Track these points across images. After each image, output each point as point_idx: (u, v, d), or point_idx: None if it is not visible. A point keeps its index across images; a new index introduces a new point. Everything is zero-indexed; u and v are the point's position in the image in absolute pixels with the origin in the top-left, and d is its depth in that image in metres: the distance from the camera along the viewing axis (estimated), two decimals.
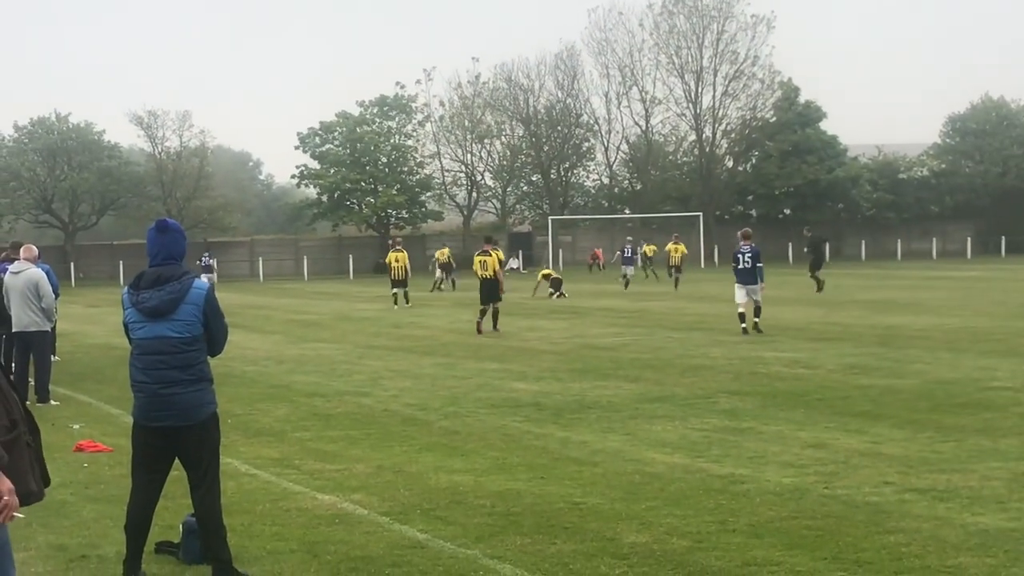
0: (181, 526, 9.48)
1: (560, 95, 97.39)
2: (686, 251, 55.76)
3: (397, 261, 45.30)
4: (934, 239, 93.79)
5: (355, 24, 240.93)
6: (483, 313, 31.54)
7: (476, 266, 32.19)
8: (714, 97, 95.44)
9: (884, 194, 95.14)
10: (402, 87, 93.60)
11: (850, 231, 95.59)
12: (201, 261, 63.32)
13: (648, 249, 65.33)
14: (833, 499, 10.98)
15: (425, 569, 8.99)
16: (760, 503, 10.87)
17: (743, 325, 28.88)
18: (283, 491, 11.85)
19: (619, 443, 14.26)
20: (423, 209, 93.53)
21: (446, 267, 59.27)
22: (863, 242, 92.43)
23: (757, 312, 29.26)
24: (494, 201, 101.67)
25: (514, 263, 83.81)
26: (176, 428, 8.58)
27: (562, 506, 10.94)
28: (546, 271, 53.44)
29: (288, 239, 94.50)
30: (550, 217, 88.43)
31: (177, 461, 8.84)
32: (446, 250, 61.28)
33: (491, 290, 31.50)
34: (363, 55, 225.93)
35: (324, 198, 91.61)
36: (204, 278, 48.37)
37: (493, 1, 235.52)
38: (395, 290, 45.32)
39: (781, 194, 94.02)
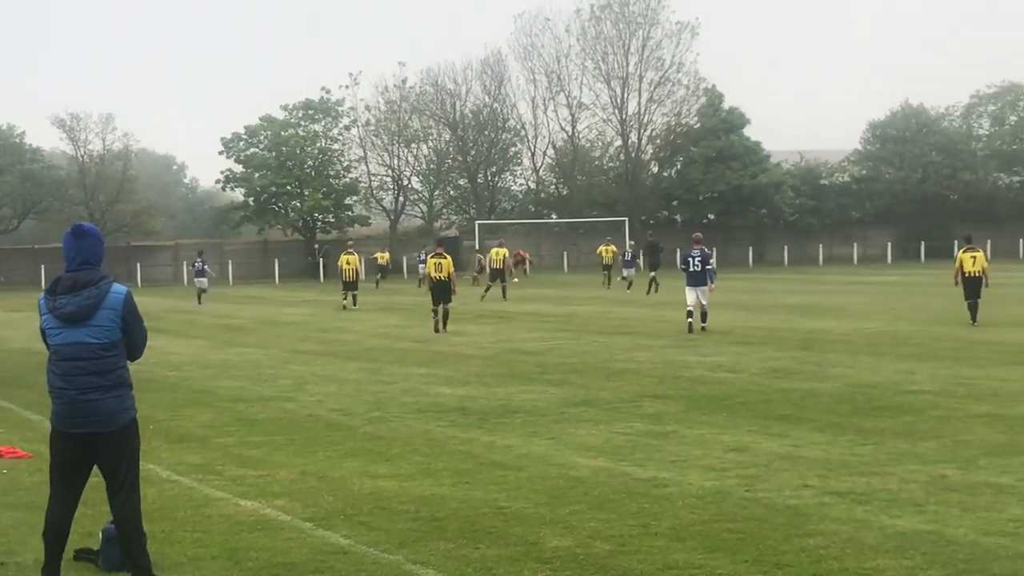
0: (101, 533, 9.40)
1: (487, 100, 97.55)
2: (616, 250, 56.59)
3: (348, 264, 46.41)
4: (855, 244, 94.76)
5: (280, 28, 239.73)
6: (436, 313, 32.67)
7: (431, 268, 33.34)
8: (640, 103, 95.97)
9: (806, 200, 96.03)
10: (327, 92, 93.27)
11: (773, 236, 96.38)
12: (195, 265, 61.89)
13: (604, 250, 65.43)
14: (754, 502, 11.09)
15: (347, 575, 8.98)
16: (682, 506, 10.96)
17: (689, 320, 30.32)
18: (205, 497, 11.79)
19: (544, 447, 14.31)
20: (349, 213, 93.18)
21: (383, 268, 59.92)
22: (785, 247, 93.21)
23: (704, 317, 30.54)
24: (421, 205, 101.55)
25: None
26: (95, 435, 8.43)
27: (486, 511, 10.97)
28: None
29: (213, 243, 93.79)
30: (477, 221, 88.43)
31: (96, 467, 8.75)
32: (387, 253, 61.93)
33: (443, 292, 32.49)
34: (288, 59, 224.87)
35: (250, 201, 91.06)
36: (197, 282, 48.17)
37: (419, 6, 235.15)
38: (346, 292, 46.36)
39: (705, 199, 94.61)
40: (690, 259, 30.81)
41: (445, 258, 33.13)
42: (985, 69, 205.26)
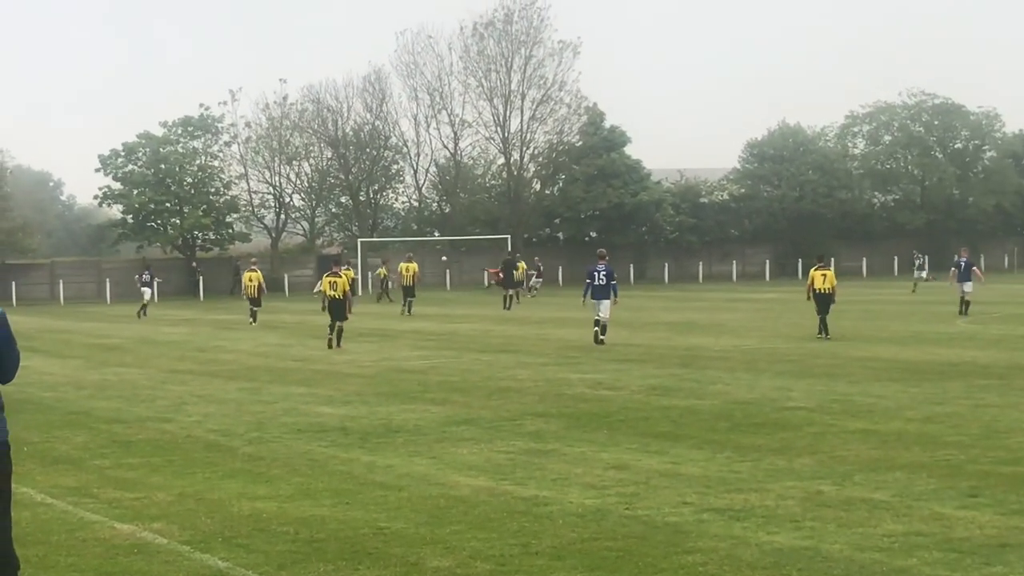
0: None
1: (369, 117, 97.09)
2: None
3: (251, 280, 46.88)
4: (734, 262, 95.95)
5: (159, 43, 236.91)
6: (332, 329, 33.38)
7: (326, 287, 34.33)
8: (522, 121, 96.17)
9: (686, 217, 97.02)
10: (206, 108, 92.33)
11: (654, 253, 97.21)
12: (141, 277, 60.74)
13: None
14: (634, 520, 11.16)
15: None
16: (563, 525, 11.00)
17: (596, 330, 32.09)
18: (80, 521, 11.58)
19: (425, 467, 14.28)
20: (230, 231, 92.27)
21: (382, 282, 60.81)
22: (666, 264, 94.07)
23: (603, 330, 32.05)
24: (303, 223, 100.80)
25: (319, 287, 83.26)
26: None
27: (367, 531, 10.91)
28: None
29: (90, 261, 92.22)
30: (359, 239, 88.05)
31: None
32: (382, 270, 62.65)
33: (339, 309, 33.29)
34: (167, 76, 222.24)
35: (129, 219, 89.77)
36: (142, 292, 47.65)
37: (300, 23, 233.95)
38: (253, 308, 46.52)
39: (587, 217, 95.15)
40: (595, 273, 32.60)
41: (340, 276, 34.18)
42: (859, 90, 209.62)
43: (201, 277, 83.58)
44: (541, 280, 72.76)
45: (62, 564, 9.91)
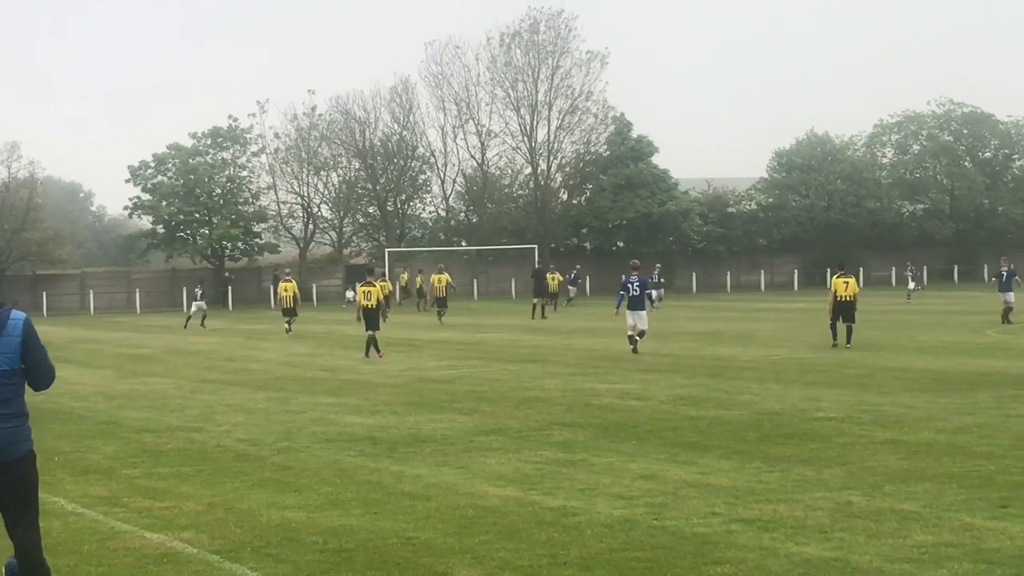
0: (3, 568, 9.24)
1: (396, 128, 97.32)
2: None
3: (286, 291, 48.20)
4: (762, 271, 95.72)
5: (187, 55, 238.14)
6: (372, 341, 33.63)
7: (360, 296, 34.75)
8: (549, 131, 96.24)
9: (714, 227, 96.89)
10: (235, 120, 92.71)
11: (681, 263, 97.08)
12: (195, 292, 61.72)
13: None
14: (662, 530, 11.14)
15: None
16: (591, 535, 10.99)
17: (632, 346, 32.27)
18: (110, 530, 11.63)
19: (453, 477, 14.29)
20: (258, 241, 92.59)
21: (418, 291, 61.00)
22: (694, 274, 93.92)
23: (642, 335, 32.63)
24: (331, 233, 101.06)
25: (351, 295, 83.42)
26: None
27: (395, 541, 10.93)
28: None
29: (120, 271, 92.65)
30: (387, 249, 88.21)
31: None
32: (405, 275, 62.55)
33: (373, 319, 33.53)
34: (196, 87, 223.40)
35: (158, 229, 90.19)
36: (194, 306, 48.91)
37: (328, 34, 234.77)
38: (286, 318, 47.74)
39: (614, 227, 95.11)
40: (629, 285, 32.95)
41: (374, 286, 34.62)
42: (888, 98, 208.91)
43: (230, 287, 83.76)
44: (575, 288, 73.40)
45: (93, 574, 9.96)
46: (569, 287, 71.61)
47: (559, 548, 10.52)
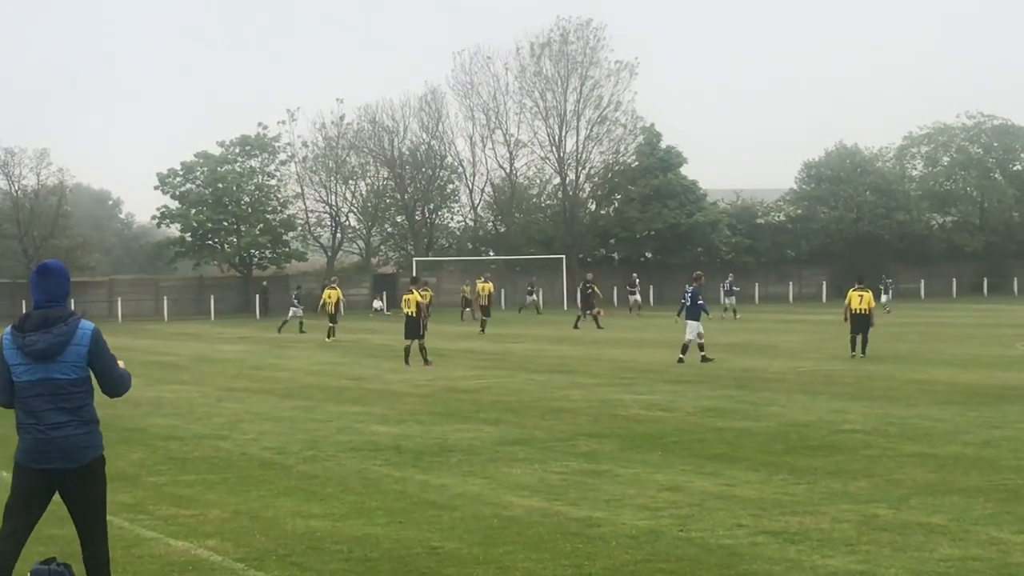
0: (30, 574, 9.26)
1: (424, 137, 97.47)
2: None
3: (330, 297, 50.19)
4: (791, 283, 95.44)
5: (217, 63, 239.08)
6: (408, 349, 34.02)
7: (403, 304, 35.31)
8: (578, 141, 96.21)
9: (742, 238, 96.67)
10: (264, 128, 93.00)
11: (709, 274, 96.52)
12: (294, 293, 62.55)
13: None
14: (687, 542, 11.12)
15: None
16: (616, 546, 10.97)
17: (701, 353, 32.81)
18: (136, 537, 11.67)
19: (478, 487, 14.29)
20: (287, 249, 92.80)
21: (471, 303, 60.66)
22: (721, 286, 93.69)
23: (684, 349, 33.18)
24: (359, 242, 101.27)
25: (378, 304, 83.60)
26: (62, 471, 8.57)
27: (420, 551, 10.93)
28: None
29: (148, 279, 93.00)
30: (415, 258, 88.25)
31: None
32: (466, 287, 62.13)
33: (412, 327, 33.96)
34: (225, 95, 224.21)
35: (187, 237, 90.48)
36: (291, 312, 49.82)
37: (357, 42, 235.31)
38: (331, 324, 49.33)
39: (643, 237, 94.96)
40: (686, 295, 34.29)
41: (412, 294, 34.69)
42: (917, 110, 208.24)
43: (260, 296, 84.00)
44: (636, 296, 73.04)
45: None
46: (630, 296, 71.58)
47: (584, 559, 10.51)
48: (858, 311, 34.30)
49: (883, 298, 69.77)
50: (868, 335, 34.02)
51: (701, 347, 33.00)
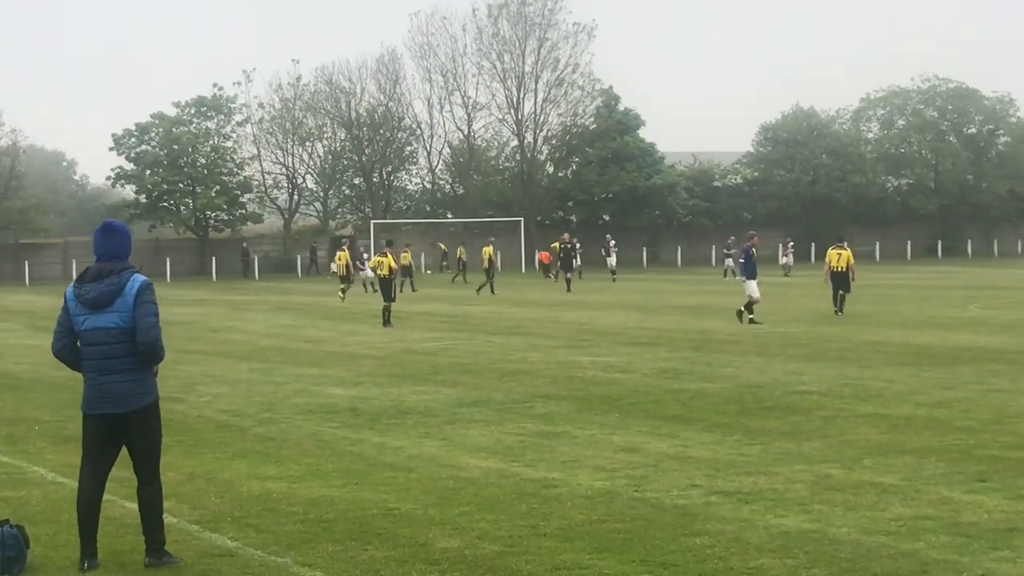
0: None
1: (382, 99, 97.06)
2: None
3: (340, 259, 51.59)
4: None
5: (172, 23, 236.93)
6: (386, 311, 34.37)
7: (376, 267, 36.30)
8: (536, 103, 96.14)
9: (700, 201, 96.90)
10: (220, 89, 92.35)
11: (667, 237, 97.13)
12: (360, 259, 62.00)
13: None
14: (642, 502, 11.19)
15: None
16: (571, 507, 11.02)
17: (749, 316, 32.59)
18: None
19: (435, 448, 14.32)
20: (243, 211, 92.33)
21: (407, 269, 59.62)
22: (679, 248, 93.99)
23: (751, 308, 32.82)
24: (316, 204, 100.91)
25: (335, 267, 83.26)
26: (116, 416, 9.15)
27: (375, 512, 10.95)
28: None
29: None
30: (372, 221, 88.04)
31: None
32: (407, 252, 61.20)
33: (387, 288, 34.72)
34: (180, 56, 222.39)
35: (142, 199, 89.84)
36: (362, 274, 49.69)
37: (313, 3, 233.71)
38: (342, 286, 50.07)
39: (601, 200, 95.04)
40: (739, 254, 34.98)
41: (386, 256, 35.41)
42: (873, 73, 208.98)
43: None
44: (612, 259, 70.69)
45: (72, 543, 9.94)
46: (608, 259, 68.85)
47: (539, 519, 10.56)
48: (837, 269, 35.09)
49: (783, 260, 70.76)
50: (847, 293, 34.78)
51: (749, 309, 32.71)
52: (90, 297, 9.18)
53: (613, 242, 71.55)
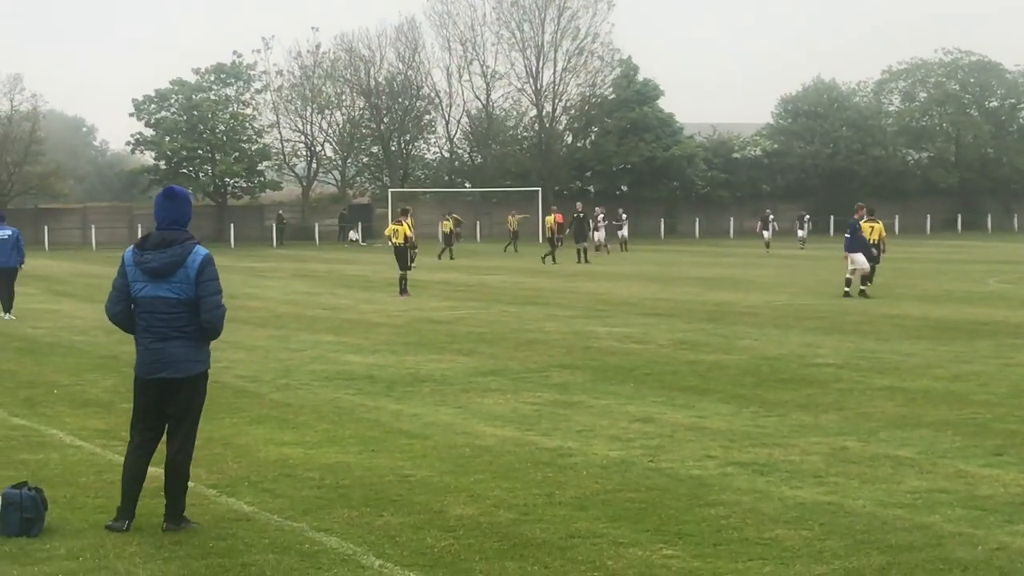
0: (0, 498, 9.28)
1: (401, 67, 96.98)
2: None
3: (444, 226, 53.99)
4: (759, 218, 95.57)
5: None
6: (403, 279, 34.12)
7: (390, 234, 35.61)
8: (555, 73, 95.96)
9: (718, 173, 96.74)
10: (239, 56, 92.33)
11: (685, 208, 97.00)
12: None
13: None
14: (657, 472, 11.19)
15: (250, 541, 8.95)
16: (586, 476, 11.04)
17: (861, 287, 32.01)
18: (108, 463, 11.68)
19: (451, 416, 14.34)
20: (262, 179, 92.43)
21: (448, 237, 59.52)
22: (697, 220, 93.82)
23: (848, 283, 32.27)
24: (334, 172, 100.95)
25: (353, 235, 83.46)
26: (168, 381, 9.23)
27: (391, 479, 10.98)
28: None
29: (122, 207, 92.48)
30: (390, 189, 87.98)
31: None
32: (450, 221, 60.59)
33: (399, 257, 34.29)
34: (200, 22, 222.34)
35: (161, 165, 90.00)
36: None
37: None
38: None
39: (619, 170, 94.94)
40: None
41: (402, 224, 34.90)
42: (896, 46, 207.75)
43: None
44: (623, 231, 69.37)
45: (90, 505, 10.01)
46: (594, 232, 65.96)
47: (554, 488, 10.57)
48: (870, 241, 34.41)
49: (802, 233, 70.35)
50: (877, 264, 34.14)
51: (849, 282, 32.24)
52: (152, 267, 9.18)
53: (624, 215, 71.46)
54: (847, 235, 33.07)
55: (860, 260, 32.14)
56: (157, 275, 9.17)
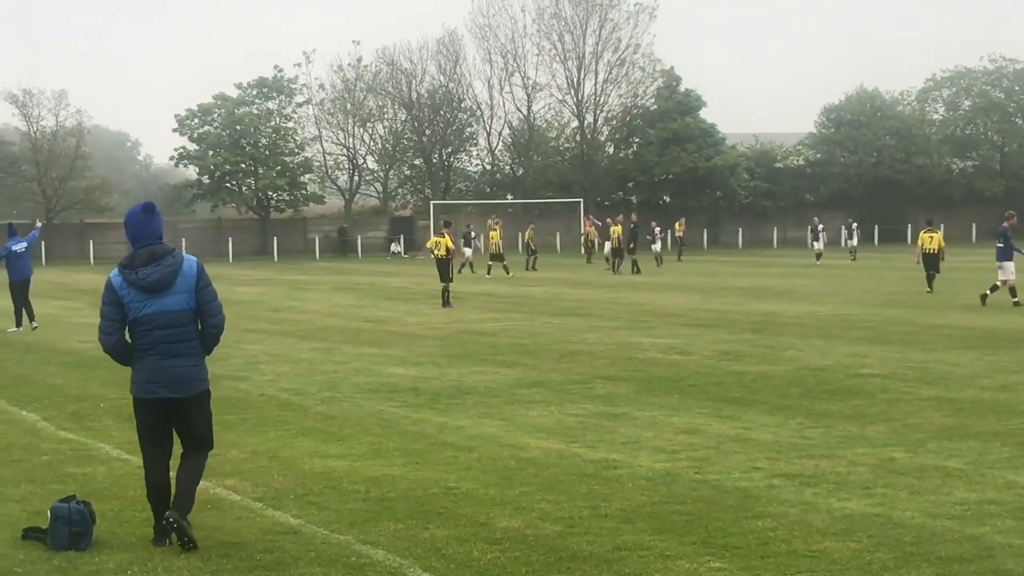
0: (49, 512, 9.35)
1: (442, 80, 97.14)
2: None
3: (437, 247, 49.43)
4: (809, 227, 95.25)
5: (234, 4, 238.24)
6: (445, 291, 34.38)
7: (432, 247, 35.79)
8: (596, 84, 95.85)
9: (761, 182, 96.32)
10: (281, 70, 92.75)
11: (727, 219, 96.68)
12: (469, 232, 59.97)
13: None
14: (704, 484, 11.14)
15: (297, 554, 8.97)
16: (632, 488, 11.00)
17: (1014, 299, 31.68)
18: None
19: (495, 428, 14.33)
20: (304, 192, 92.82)
21: (528, 246, 60.59)
22: (740, 230, 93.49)
23: (1008, 291, 32.06)
24: (376, 185, 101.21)
25: (396, 247, 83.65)
26: (172, 400, 9.19)
27: (436, 491, 10.97)
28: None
29: (166, 221, 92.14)
30: (432, 202, 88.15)
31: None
32: (496, 231, 58.11)
33: (441, 270, 34.53)
34: (242, 37, 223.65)
35: (204, 179, 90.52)
36: (466, 252, 52.24)
37: None
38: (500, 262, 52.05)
39: (661, 181, 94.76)
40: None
41: (444, 237, 35.19)
42: (940, 54, 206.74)
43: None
44: (657, 244, 64.23)
45: (137, 519, 10.05)
46: (652, 245, 63.01)
47: (600, 500, 10.54)
48: (929, 251, 36.70)
49: (819, 244, 67.57)
50: (936, 273, 35.86)
51: (995, 287, 32.38)
52: (151, 280, 9.10)
53: (657, 229, 68.16)
54: (999, 244, 33.12)
55: (1010, 269, 32.43)
56: (157, 289, 9.13)
